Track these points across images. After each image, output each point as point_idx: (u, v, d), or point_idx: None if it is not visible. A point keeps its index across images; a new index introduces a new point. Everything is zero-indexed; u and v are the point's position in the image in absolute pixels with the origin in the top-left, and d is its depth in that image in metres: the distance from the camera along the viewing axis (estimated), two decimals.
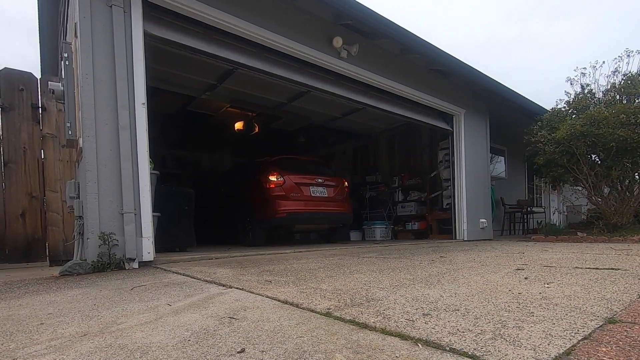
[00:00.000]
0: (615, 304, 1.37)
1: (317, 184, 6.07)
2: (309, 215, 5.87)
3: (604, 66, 6.80)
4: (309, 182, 6.00)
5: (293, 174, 5.92)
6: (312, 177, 6.13)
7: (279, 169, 5.91)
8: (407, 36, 5.08)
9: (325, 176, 6.33)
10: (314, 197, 5.97)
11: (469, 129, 6.96)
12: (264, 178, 5.79)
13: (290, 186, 5.77)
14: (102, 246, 2.81)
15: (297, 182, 5.85)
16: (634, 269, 2.24)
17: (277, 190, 5.68)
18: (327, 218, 6.21)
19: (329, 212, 6.13)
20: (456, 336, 1.04)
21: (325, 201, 6.08)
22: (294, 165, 6.26)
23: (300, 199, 5.80)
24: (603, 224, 6.20)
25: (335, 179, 6.49)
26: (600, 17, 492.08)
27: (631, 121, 5.29)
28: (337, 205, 6.23)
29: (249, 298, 1.65)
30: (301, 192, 5.84)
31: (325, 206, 6.06)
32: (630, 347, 0.93)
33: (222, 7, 3.76)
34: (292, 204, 5.67)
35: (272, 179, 5.74)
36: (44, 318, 1.42)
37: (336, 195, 6.27)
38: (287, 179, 5.78)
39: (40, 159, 3.93)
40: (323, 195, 6.09)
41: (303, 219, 5.88)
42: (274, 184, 5.71)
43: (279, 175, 5.80)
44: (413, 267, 2.62)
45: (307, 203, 5.84)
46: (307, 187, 5.92)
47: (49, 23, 5.42)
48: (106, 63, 3.02)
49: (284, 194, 5.69)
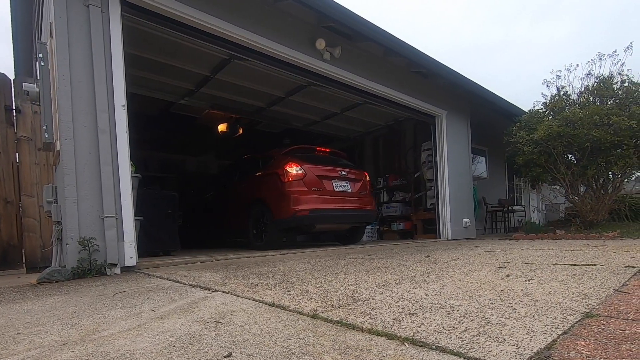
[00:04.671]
0: (592, 299, 1.42)
1: (340, 178, 5.34)
2: (334, 213, 5.11)
3: (578, 69, 7.03)
4: (331, 175, 5.26)
5: (314, 165, 5.13)
6: (335, 169, 5.37)
7: (298, 159, 5.11)
8: (389, 38, 5.15)
9: (349, 168, 5.60)
10: (337, 193, 5.23)
11: (451, 130, 7.08)
12: (281, 170, 4.98)
13: (312, 179, 4.99)
14: (82, 252, 2.73)
15: (318, 174, 5.08)
16: (609, 265, 2.32)
17: (297, 184, 4.89)
18: (352, 216, 5.44)
19: (353, 210, 5.37)
20: (442, 334, 1.06)
21: (349, 197, 5.36)
22: (314, 156, 5.50)
23: (323, 195, 5.04)
24: (580, 222, 6.41)
25: (358, 172, 5.75)
26: (581, 21, 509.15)
27: (604, 122, 5.50)
28: (362, 202, 5.50)
29: (235, 301, 1.63)
30: (323, 187, 5.07)
31: (350, 203, 5.32)
32: (607, 340, 0.97)
33: (203, 7, 3.72)
34: (315, 200, 4.92)
35: (291, 171, 4.93)
36: (21, 327, 1.37)
37: (359, 190, 5.56)
38: (307, 171, 4.99)
39: (15, 162, 3.79)
40: (346, 191, 5.37)
41: (327, 218, 5.10)
42: (292, 177, 4.91)
43: (298, 166, 4.98)
44: (399, 266, 2.64)
45: (330, 199, 5.09)
46: (329, 180, 5.19)
47: (23, 22, 5.25)
48: (84, 64, 2.94)
49: (305, 188, 4.91)
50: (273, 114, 7.38)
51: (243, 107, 7.05)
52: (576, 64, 6.78)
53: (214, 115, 7.63)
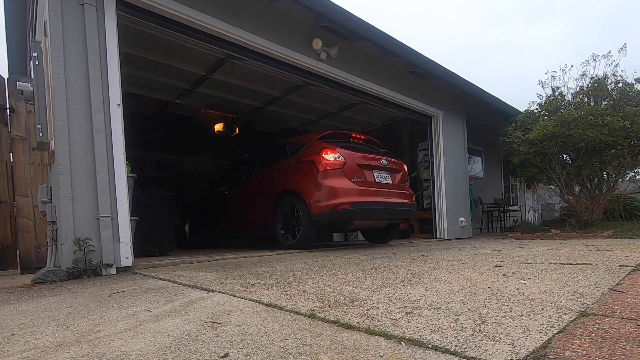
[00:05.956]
0: (587, 298, 1.43)
1: (382, 168, 4.78)
2: (376, 207, 4.52)
3: (573, 69, 7.10)
4: (372, 164, 4.69)
5: (354, 153, 4.59)
6: (376, 157, 4.82)
7: (336, 146, 4.56)
8: (385, 39, 5.16)
9: (389, 157, 5.04)
10: (379, 184, 4.66)
11: (447, 130, 7.11)
12: (317, 157, 4.42)
13: (352, 168, 4.43)
14: (77, 252, 2.70)
15: (359, 163, 4.53)
16: (604, 264, 2.34)
17: (336, 173, 4.34)
18: (393, 211, 4.81)
19: (395, 204, 4.77)
20: (438, 334, 1.06)
21: (391, 189, 4.79)
22: (351, 143, 4.93)
23: (364, 186, 4.46)
24: (575, 221, 6.46)
25: (398, 162, 5.21)
26: (576, 22, 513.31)
27: (599, 122, 5.54)
28: (403, 196, 4.93)
29: (232, 302, 1.62)
30: (364, 178, 4.51)
31: (391, 196, 4.73)
32: (602, 339, 0.97)
33: (199, 6, 3.71)
34: (356, 193, 4.34)
35: (329, 159, 4.37)
36: (15, 329, 1.36)
37: (399, 182, 5.00)
38: (348, 159, 4.43)
39: (9, 162, 3.76)
40: (387, 182, 4.80)
41: (369, 212, 4.51)
42: (331, 165, 4.35)
43: (337, 153, 4.41)
44: (395, 266, 2.65)
45: (372, 191, 4.50)
46: (369, 171, 4.62)
47: (17, 20, 5.21)
48: (79, 63, 2.92)
49: (346, 178, 4.36)
50: (269, 113, 7.39)
51: (239, 107, 7.06)
52: (571, 64, 6.86)
53: (210, 115, 7.62)
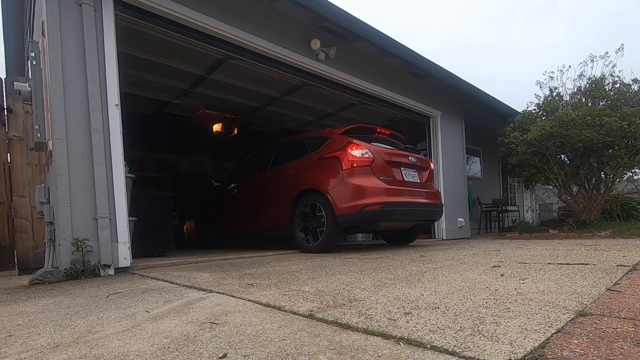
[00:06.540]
0: (585, 298, 1.43)
1: (410, 165, 4.48)
2: (406, 208, 4.21)
3: (571, 70, 7.12)
4: (400, 161, 4.39)
5: (382, 149, 4.29)
6: (404, 154, 4.50)
7: (362, 141, 4.23)
8: (384, 39, 5.16)
9: (416, 154, 4.75)
10: (407, 183, 4.37)
11: (445, 130, 7.12)
12: (342, 153, 4.09)
13: (381, 166, 4.13)
14: (75, 253, 2.70)
15: (387, 160, 4.23)
16: (602, 264, 2.35)
17: (363, 171, 4.02)
18: (422, 212, 4.51)
19: (424, 205, 4.47)
20: (437, 334, 1.06)
21: (419, 189, 4.50)
22: (377, 138, 4.59)
23: (393, 185, 4.16)
24: (573, 221, 6.48)
25: (425, 159, 4.90)
26: (574, 22, 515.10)
27: (596, 123, 5.56)
28: (431, 195, 4.64)
29: (230, 302, 1.62)
30: (393, 176, 4.22)
31: (419, 196, 4.43)
32: (599, 339, 0.98)
33: (198, 7, 3.71)
34: (386, 192, 4.03)
35: (356, 155, 4.04)
36: (12, 330, 1.36)
37: (427, 181, 4.73)
38: (376, 156, 4.12)
39: (6, 162, 3.74)
40: (415, 181, 4.50)
41: (398, 213, 4.19)
42: (358, 162, 4.03)
43: (364, 149, 4.10)
44: (394, 266, 2.65)
45: (400, 191, 4.21)
46: (397, 168, 4.32)
47: (14, 20, 5.19)
48: (76, 63, 2.91)
49: (374, 176, 4.05)
50: (268, 114, 7.38)
51: (238, 107, 7.04)
52: (569, 65, 6.87)
53: (208, 115, 7.60)
